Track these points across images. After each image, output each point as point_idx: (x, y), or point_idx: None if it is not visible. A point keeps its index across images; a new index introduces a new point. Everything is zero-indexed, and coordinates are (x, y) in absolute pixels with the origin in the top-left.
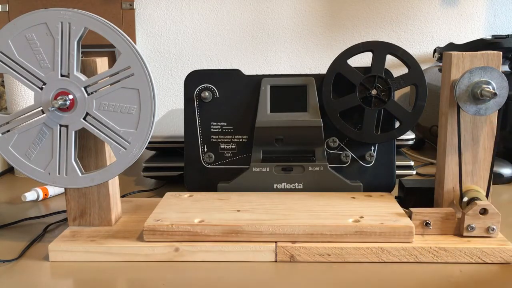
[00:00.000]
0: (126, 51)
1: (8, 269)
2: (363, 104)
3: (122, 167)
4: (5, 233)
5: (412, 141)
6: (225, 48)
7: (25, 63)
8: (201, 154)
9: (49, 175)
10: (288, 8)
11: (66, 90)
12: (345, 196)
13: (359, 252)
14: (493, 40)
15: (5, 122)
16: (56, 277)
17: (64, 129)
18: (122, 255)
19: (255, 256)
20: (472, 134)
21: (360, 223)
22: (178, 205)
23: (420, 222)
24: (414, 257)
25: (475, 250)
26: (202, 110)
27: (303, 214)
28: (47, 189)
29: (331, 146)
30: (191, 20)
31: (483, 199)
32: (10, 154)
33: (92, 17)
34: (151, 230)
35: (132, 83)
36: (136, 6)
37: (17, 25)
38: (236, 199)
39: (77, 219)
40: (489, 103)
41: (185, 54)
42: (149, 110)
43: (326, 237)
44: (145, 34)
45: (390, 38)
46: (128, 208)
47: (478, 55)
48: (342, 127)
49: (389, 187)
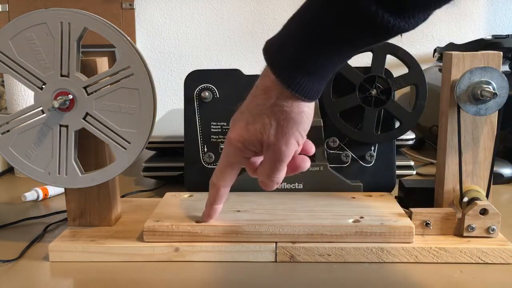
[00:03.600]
0: (126, 51)
1: (8, 269)
2: (363, 104)
3: (122, 167)
4: (5, 233)
5: (412, 141)
6: (225, 48)
7: (25, 63)
8: (201, 154)
9: (49, 175)
10: (288, 8)
11: (66, 90)
12: (345, 196)
13: (359, 252)
14: (493, 40)
15: (5, 122)
16: (56, 277)
17: (64, 129)
18: (122, 255)
19: (255, 256)
20: (472, 134)
21: (360, 223)
22: (178, 205)
23: (420, 222)
24: (414, 257)
25: (475, 250)
26: (202, 110)
27: (303, 214)
28: (47, 189)
29: (331, 146)
30: (191, 20)
31: (483, 199)
32: (10, 154)
33: (92, 17)
34: (151, 231)
35: (132, 83)
36: (136, 6)
37: (17, 25)
38: (236, 199)
39: (77, 219)
40: (489, 103)
41: (185, 54)
42: (149, 110)
43: (326, 237)
44: (145, 34)
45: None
46: (128, 208)
47: (478, 55)
48: (342, 127)
49: (389, 187)
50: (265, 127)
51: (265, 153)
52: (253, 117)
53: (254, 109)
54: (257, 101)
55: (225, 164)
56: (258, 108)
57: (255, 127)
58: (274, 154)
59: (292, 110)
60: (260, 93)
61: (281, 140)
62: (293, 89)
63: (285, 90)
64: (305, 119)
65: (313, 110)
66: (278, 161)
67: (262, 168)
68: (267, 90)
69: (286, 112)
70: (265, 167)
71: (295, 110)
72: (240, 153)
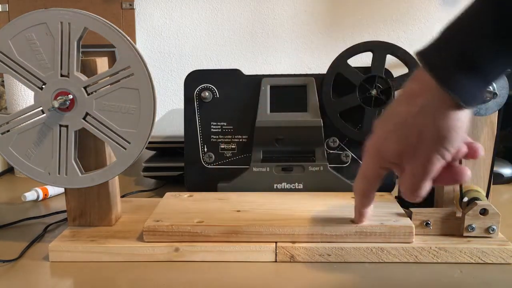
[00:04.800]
0: (126, 51)
1: (8, 269)
2: (363, 104)
3: (122, 167)
4: (5, 233)
5: None
6: (225, 48)
7: (25, 63)
8: (201, 154)
9: (49, 175)
10: (288, 8)
11: (66, 90)
12: (345, 196)
13: (359, 252)
14: None
15: (5, 122)
16: (56, 277)
17: (64, 129)
18: (122, 255)
19: (255, 256)
20: (472, 134)
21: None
22: (178, 205)
23: (420, 222)
24: (414, 257)
25: (475, 250)
26: (202, 110)
27: (303, 214)
28: (47, 189)
29: (331, 146)
30: (191, 20)
31: (483, 199)
32: (10, 154)
33: (92, 17)
34: (151, 231)
35: (132, 83)
36: (136, 6)
37: (17, 25)
38: (236, 199)
39: (77, 219)
40: (489, 103)
41: (185, 54)
42: (149, 110)
43: (326, 237)
44: (145, 34)
45: (390, 38)
46: (128, 208)
47: None
48: (342, 127)
49: (389, 187)
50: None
51: (405, 166)
52: (394, 126)
53: (394, 116)
54: (400, 109)
55: (361, 173)
56: (400, 116)
57: (393, 136)
58: (413, 169)
59: (440, 119)
60: (404, 100)
61: (422, 156)
62: (450, 89)
63: (438, 93)
64: (453, 133)
65: (465, 124)
66: (417, 177)
67: (403, 181)
68: (413, 96)
69: (430, 123)
70: (405, 181)
71: (443, 120)
72: (376, 163)
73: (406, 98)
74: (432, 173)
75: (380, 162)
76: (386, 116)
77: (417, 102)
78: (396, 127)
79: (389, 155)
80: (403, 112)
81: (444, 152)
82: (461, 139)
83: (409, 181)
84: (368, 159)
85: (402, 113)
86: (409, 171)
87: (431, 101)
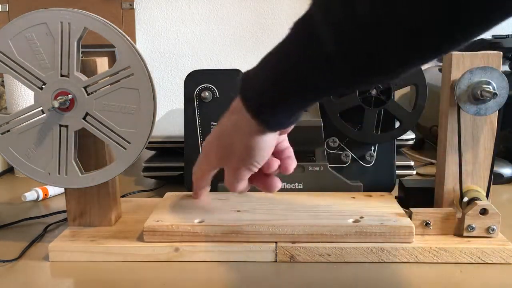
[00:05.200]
0: (126, 51)
1: (8, 269)
2: (363, 104)
3: (122, 167)
4: (5, 233)
5: (412, 141)
6: (225, 48)
7: (25, 63)
8: None
9: (49, 175)
10: (288, 8)
11: (66, 90)
12: (345, 196)
13: (359, 252)
14: (493, 40)
15: (5, 122)
16: (56, 277)
17: (64, 129)
18: (122, 255)
19: (255, 256)
20: (472, 134)
21: (360, 223)
22: (178, 205)
23: (420, 222)
24: (414, 257)
25: (475, 250)
26: (202, 110)
27: (303, 214)
28: (47, 189)
29: (331, 146)
30: (191, 20)
31: (483, 199)
32: (10, 154)
33: (92, 17)
34: (151, 231)
35: (132, 83)
36: (136, 6)
37: (17, 25)
38: (236, 199)
39: (77, 219)
40: (489, 103)
41: (185, 54)
42: (149, 110)
43: (326, 237)
44: (145, 34)
45: None
46: (128, 208)
47: (478, 55)
48: (342, 127)
49: (389, 187)
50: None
51: (224, 168)
52: (217, 134)
53: (219, 126)
54: (223, 120)
55: (197, 164)
56: (221, 126)
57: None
58: (227, 172)
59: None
60: (227, 113)
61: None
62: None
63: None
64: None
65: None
66: (231, 179)
67: (224, 177)
68: (232, 111)
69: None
70: (225, 179)
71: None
72: (205, 163)
73: (229, 112)
74: (242, 179)
75: (207, 163)
76: (218, 123)
77: (232, 118)
78: (218, 136)
79: (212, 159)
80: (224, 124)
81: (250, 166)
82: (267, 156)
83: (226, 179)
84: (202, 158)
85: (223, 125)
86: (226, 172)
87: (242, 121)
